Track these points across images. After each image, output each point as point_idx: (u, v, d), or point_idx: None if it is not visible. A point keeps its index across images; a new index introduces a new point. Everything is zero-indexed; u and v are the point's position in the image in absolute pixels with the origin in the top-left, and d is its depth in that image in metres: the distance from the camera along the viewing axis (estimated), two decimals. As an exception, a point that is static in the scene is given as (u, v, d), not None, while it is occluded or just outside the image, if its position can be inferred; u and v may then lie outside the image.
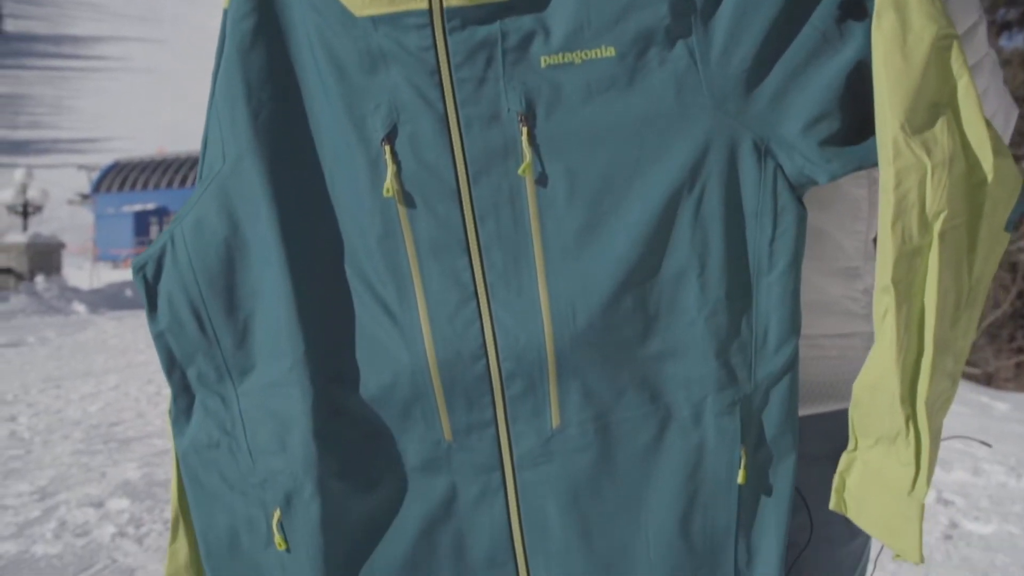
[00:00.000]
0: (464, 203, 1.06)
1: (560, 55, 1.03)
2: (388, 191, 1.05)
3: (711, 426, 1.10)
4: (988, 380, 16.59)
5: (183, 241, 1.12)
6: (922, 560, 1.08)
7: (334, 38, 1.07)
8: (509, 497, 1.12)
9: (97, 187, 42.50)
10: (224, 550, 1.16)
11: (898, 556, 1.09)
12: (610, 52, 1.03)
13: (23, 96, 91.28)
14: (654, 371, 1.09)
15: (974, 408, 7.16)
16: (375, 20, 1.05)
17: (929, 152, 1.01)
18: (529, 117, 1.04)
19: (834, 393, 1.35)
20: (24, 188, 26.82)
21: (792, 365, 1.11)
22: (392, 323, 1.08)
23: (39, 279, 22.32)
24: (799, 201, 1.07)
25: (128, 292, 22.35)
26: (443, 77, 1.05)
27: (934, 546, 4.69)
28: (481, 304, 1.07)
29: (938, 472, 5.82)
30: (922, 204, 1.02)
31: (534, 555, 1.13)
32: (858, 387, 1.09)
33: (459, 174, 1.06)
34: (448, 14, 1.03)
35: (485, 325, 1.07)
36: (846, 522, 1.35)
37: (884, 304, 1.05)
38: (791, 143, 1.04)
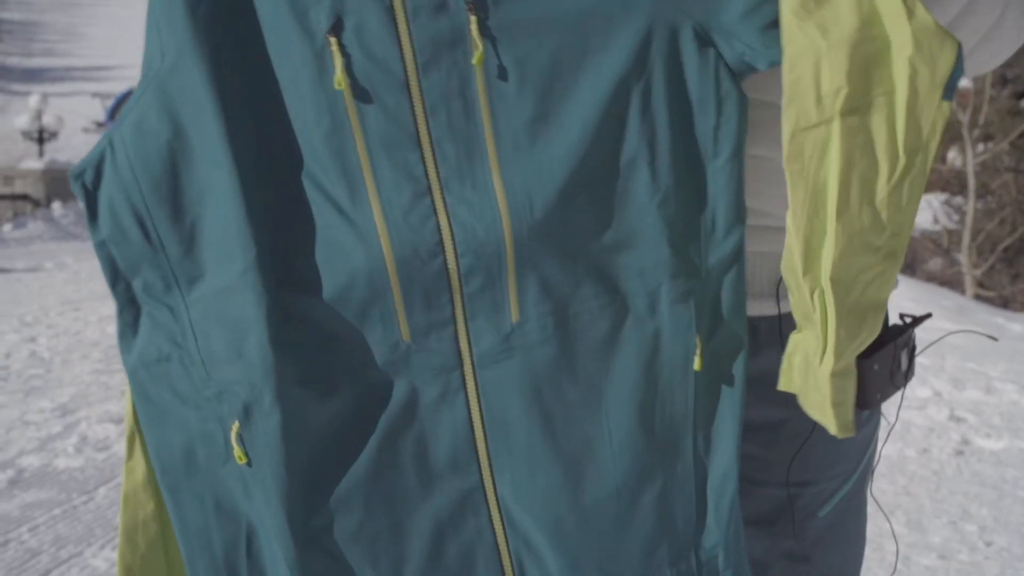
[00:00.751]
0: (413, 95, 1.03)
1: None
2: (339, 84, 1.02)
3: (666, 314, 1.10)
4: (1005, 303, 16.58)
5: (123, 145, 1.06)
6: (841, 433, 1.10)
7: None
8: (470, 397, 1.10)
9: (111, 115, 42.25)
10: (180, 468, 1.11)
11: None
12: None
13: (36, 23, 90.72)
14: (609, 261, 1.08)
15: (990, 328, 7.16)
16: None
17: (825, 33, 0.99)
18: (478, 5, 1.02)
19: None
20: (39, 114, 26.78)
21: (740, 253, 1.12)
22: (345, 222, 1.04)
23: (56, 205, 22.39)
24: (740, 88, 1.07)
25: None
26: None
27: (945, 461, 4.73)
28: (436, 200, 1.04)
29: (951, 390, 5.85)
30: (817, 86, 1.00)
31: (497, 455, 1.12)
32: (783, 269, 1.10)
33: (407, 65, 1.03)
34: None
35: (441, 221, 1.04)
36: (854, 412, 1.38)
37: (792, 187, 1.05)
38: (730, 29, 1.03)
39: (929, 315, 1.49)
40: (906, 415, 5.21)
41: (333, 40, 1.02)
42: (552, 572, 1.15)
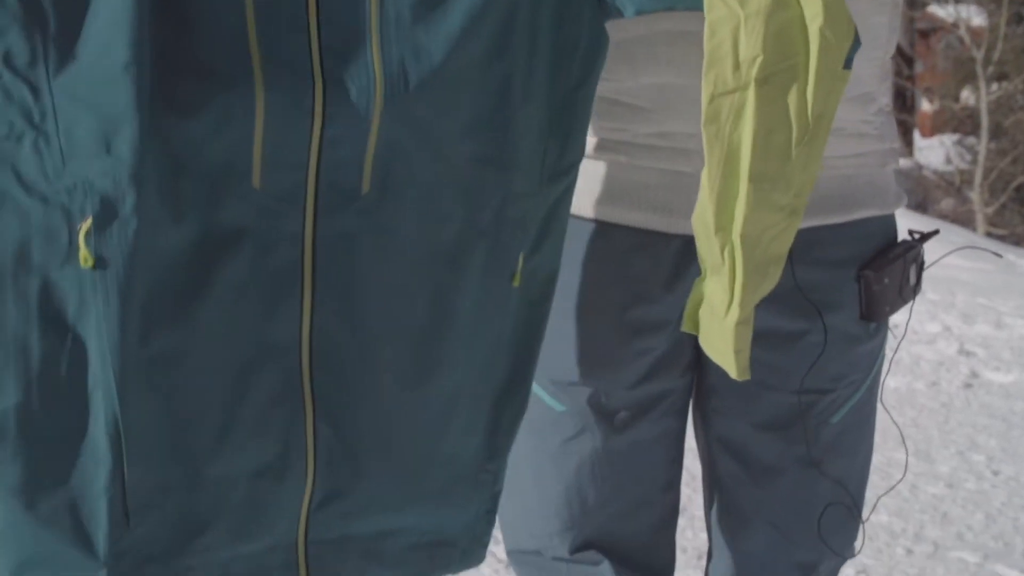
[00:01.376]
0: None
1: None
2: None
3: (500, 228, 1.16)
4: (1017, 242, 16.54)
5: None
6: (741, 376, 1.17)
7: None
8: (305, 259, 1.07)
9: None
10: (8, 261, 1.00)
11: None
12: None
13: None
14: (465, 167, 1.12)
15: (999, 265, 7.18)
16: None
17: (744, 3, 1.03)
18: None
19: (850, 205, 1.40)
20: None
21: (572, 185, 1.23)
22: (222, 49, 1.01)
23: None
24: (602, 28, 1.16)
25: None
26: None
27: (954, 394, 4.78)
28: (313, 50, 1.03)
29: (960, 325, 5.88)
30: (735, 53, 1.05)
31: (318, 318, 1.10)
32: (693, 221, 1.15)
33: None
34: None
35: (316, 74, 1.02)
36: (863, 325, 1.42)
37: (706, 140, 1.10)
38: None
39: (937, 231, 1.53)
40: (916, 349, 5.24)
41: None
42: (355, 454, 1.16)
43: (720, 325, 1.16)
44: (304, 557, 1.18)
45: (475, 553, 1.30)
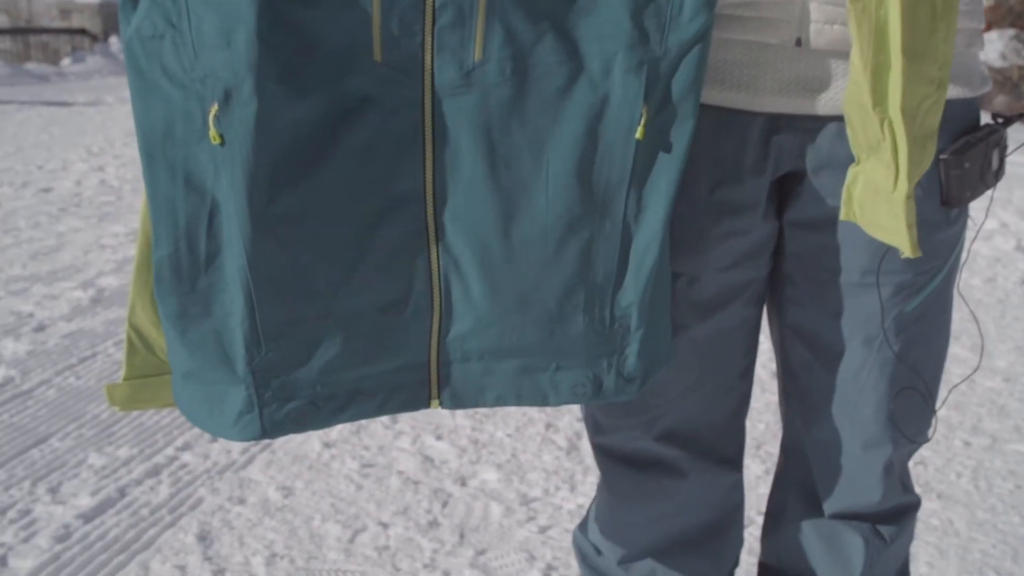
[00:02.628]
0: None
1: None
2: None
3: (617, 82, 1.19)
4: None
5: None
6: (914, 253, 1.19)
7: None
8: (426, 124, 1.19)
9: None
10: (158, 138, 1.18)
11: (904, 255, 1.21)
12: None
13: None
14: (573, 23, 1.17)
15: (1058, 161, 7.06)
16: None
17: None
18: None
19: None
20: (94, -54, 26.50)
21: (703, 37, 1.18)
22: None
23: (113, 40, 22.33)
24: None
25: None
26: None
27: (1011, 290, 4.74)
28: None
29: (1018, 221, 5.81)
30: None
31: (440, 182, 1.22)
32: (846, 104, 1.16)
33: None
34: None
35: None
36: (943, 210, 1.40)
37: (852, 21, 1.13)
38: None
39: (1022, 115, 1.50)
40: (973, 245, 5.18)
41: None
42: (474, 293, 1.28)
43: (888, 202, 1.19)
44: (436, 376, 1.34)
45: (620, 389, 1.37)
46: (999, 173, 1.44)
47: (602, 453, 1.63)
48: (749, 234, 1.41)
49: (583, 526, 1.74)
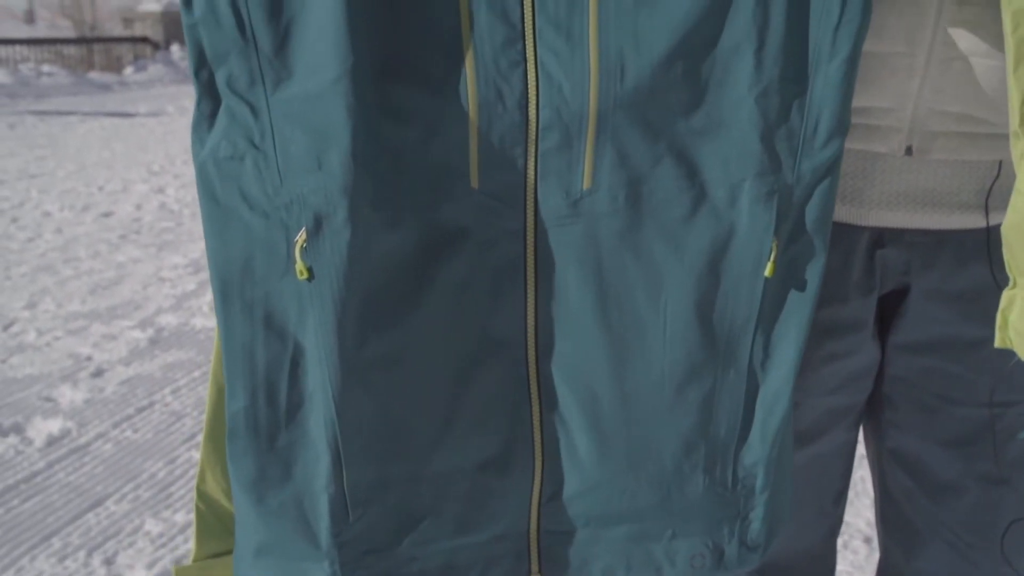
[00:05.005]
0: None
1: None
2: None
3: (745, 211, 1.06)
4: None
5: None
6: None
7: None
8: (528, 257, 1.08)
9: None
10: (235, 275, 1.06)
11: None
12: None
13: None
14: (694, 145, 1.05)
15: None
16: None
17: None
18: None
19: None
20: (156, -45, 26.80)
21: (836, 164, 1.07)
22: (439, 53, 1.01)
23: (175, 48, 22.58)
24: None
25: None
26: None
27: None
28: (527, 47, 1.00)
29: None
30: None
31: (544, 321, 1.10)
32: (1006, 229, 1.05)
33: None
34: None
35: (529, 70, 1.01)
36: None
37: (1020, 148, 1.01)
38: None
39: None
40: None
41: None
42: (580, 450, 1.15)
43: None
44: (537, 547, 1.21)
45: (742, 558, 1.24)
46: None
47: None
48: (854, 356, 1.33)
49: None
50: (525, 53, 1.01)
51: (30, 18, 35.62)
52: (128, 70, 20.79)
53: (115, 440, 3.34)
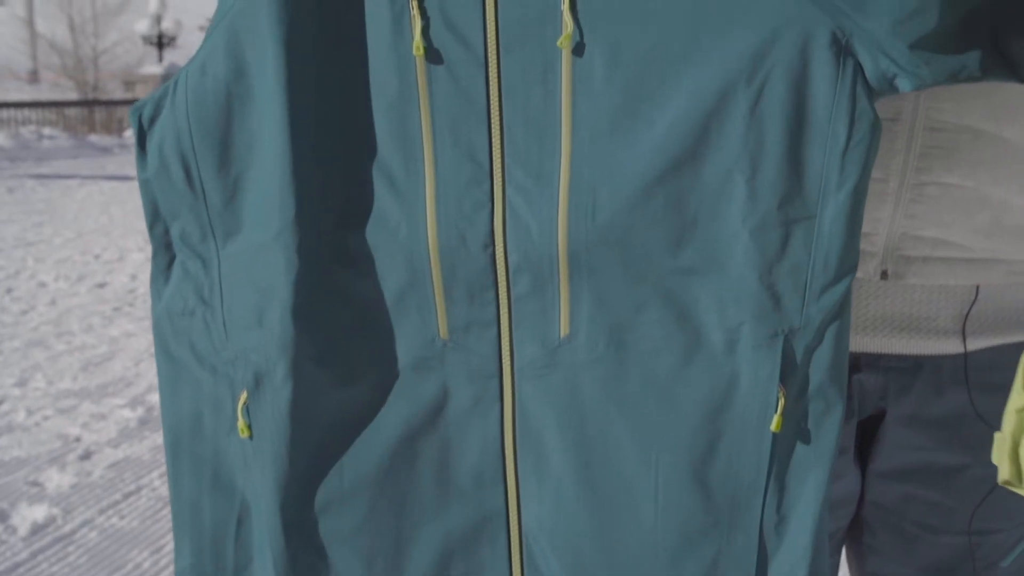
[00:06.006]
0: (490, 73, 0.93)
1: None
2: (416, 49, 0.93)
3: (745, 358, 0.95)
4: None
5: (185, 85, 0.99)
6: None
7: None
8: (505, 410, 1.00)
9: (228, 13, 42.72)
10: (185, 431, 1.05)
11: None
12: None
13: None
14: (683, 286, 0.95)
15: None
16: None
17: None
18: None
19: None
20: (158, 19, 27.02)
21: (846, 305, 0.96)
22: (394, 196, 0.96)
23: (176, 110, 22.70)
24: (875, 110, 0.92)
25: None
26: None
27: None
28: (495, 187, 0.95)
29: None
30: None
31: (526, 480, 1.02)
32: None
33: (488, 41, 0.93)
34: None
35: (496, 211, 0.95)
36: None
37: None
38: (877, 40, 0.89)
39: None
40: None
41: (415, 2, 0.93)
42: None
43: None
44: None
45: None
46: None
47: None
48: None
49: None
50: (492, 193, 0.95)
51: (34, 78, 35.85)
52: (128, 132, 20.88)
53: (100, 528, 3.30)
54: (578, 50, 0.92)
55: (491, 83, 0.94)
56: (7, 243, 8.45)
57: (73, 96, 25.04)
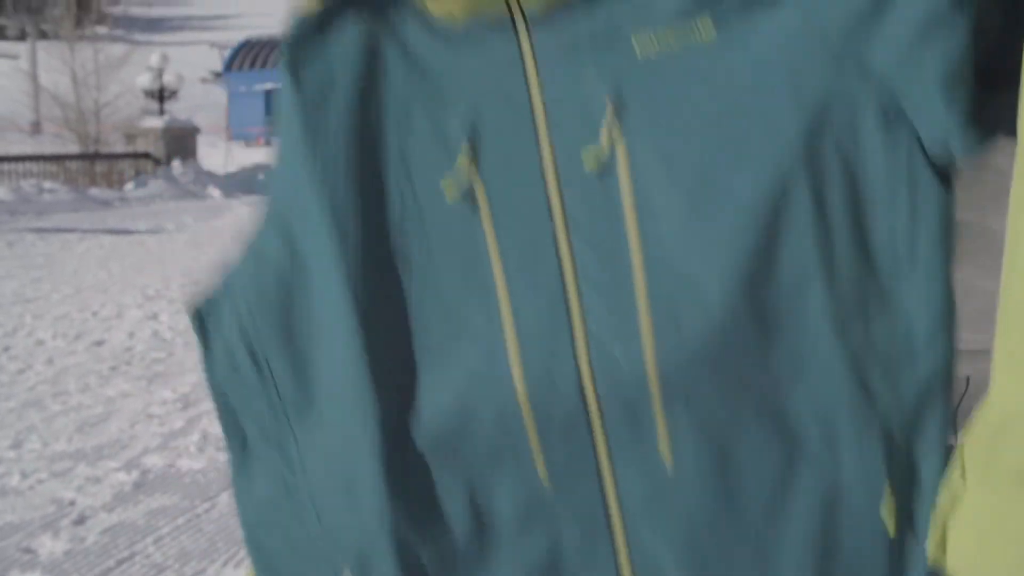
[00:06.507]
0: (553, 205, 0.93)
1: (654, 35, 0.90)
2: (467, 194, 0.93)
3: (848, 455, 0.91)
4: None
5: (242, 277, 1.01)
6: None
7: (416, 42, 0.96)
8: (619, 551, 0.96)
9: (229, 66, 43.05)
10: None
11: None
12: (711, 35, 0.89)
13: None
14: (776, 393, 0.90)
15: None
16: (459, 24, 0.95)
17: None
18: (618, 102, 0.90)
19: None
20: (160, 73, 27.18)
21: (946, 378, 0.90)
22: (473, 346, 0.94)
23: (175, 163, 22.79)
24: (941, 177, 0.88)
25: (261, 176, 22.57)
26: (528, 73, 0.93)
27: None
28: (574, 319, 0.92)
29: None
30: None
31: None
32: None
33: (546, 175, 0.93)
34: (530, 15, 0.92)
35: (579, 345, 0.92)
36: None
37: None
38: (928, 103, 0.86)
39: None
40: None
41: (467, 147, 0.93)
42: None
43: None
44: None
45: None
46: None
47: None
48: None
49: None
50: (571, 325, 0.92)
51: (36, 129, 35.98)
52: (129, 185, 20.99)
53: (92, 597, 3.29)
54: (634, 167, 0.90)
55: (554, 211, 0.93)
56: (6, 299, 8.46)
57: (74, 147, 25.15)
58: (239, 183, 22.07)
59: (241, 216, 15.80)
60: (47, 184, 19.30)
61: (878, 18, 0.85)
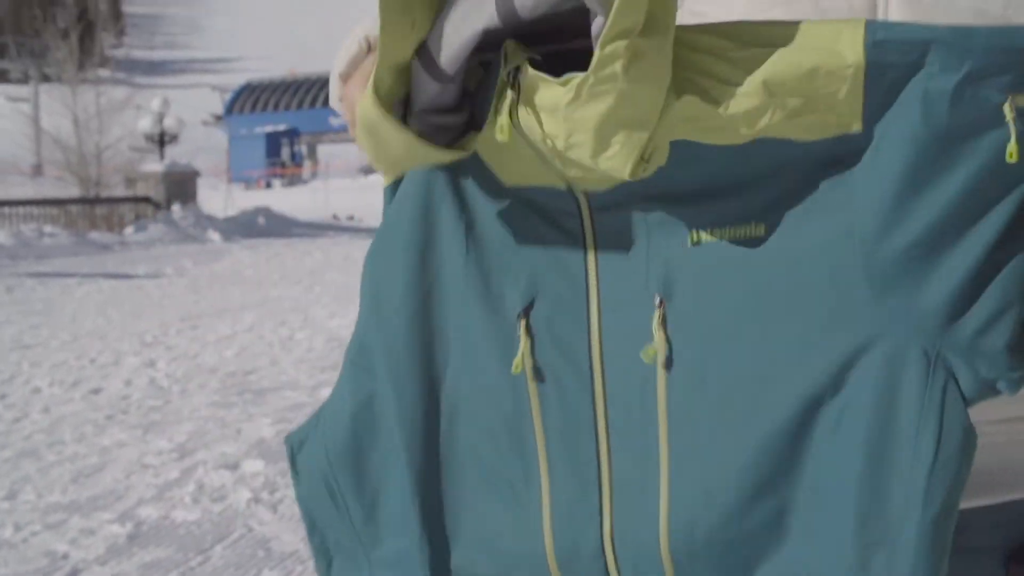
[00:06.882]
0: (596, 385, 0.99)
1: (708, 232, 0.93)
2: (517, 367, 0.99)
3: None
4: None
5: (325, 416, 1.11)
6: None
7: (479, 208, 1.01)
8: None
9: (230, 109, 43.32)
10: None
11: None
12: (760, 230, 0.92)
13: (159, 16, 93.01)
14: (780, 554, 0.95)
15: None
16: (522, 191, 0.99)
17: None
18: (667, 299, 0.95)
19: (1003, 481, 1.24)
20: (161, 117, 27.32)
21: (947, 516, 0.91)
22: (513, 508, 1.02)
23: (175, 207, 22.89)
24: (968, 423, 0.89)
25: (260, 220, 22.73)
26: (588, 254, 0.98)
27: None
28: (603, 497, 0.99)
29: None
30: None
31: None
32: None
33: (593, 354, 0.98)
34: (593, 198, 0.96)
35: (605, 521, 0.99)
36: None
37: None
38: (971, 346, 0.87)
39: None
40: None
41: (523, 322, 1.00)
42: None
43: None
44: None
45: None
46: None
47: None
48: None
49: None
50: (601, 503, 0.99)
51: (37, 172, 36.16)
52: (129, 229, 21.04)
53: (84, 654, 3.28)
54: (670, 364, 0.95)
55: (596, 394, 0.99)
56: (4, 346, 8.49)
57: (75, 190, 25.23)
58: (239, 226, 22.15)
59: (241, 260, 15.85)
60: (47, 228, 19.38)
61: (927, 255, 0.87)
